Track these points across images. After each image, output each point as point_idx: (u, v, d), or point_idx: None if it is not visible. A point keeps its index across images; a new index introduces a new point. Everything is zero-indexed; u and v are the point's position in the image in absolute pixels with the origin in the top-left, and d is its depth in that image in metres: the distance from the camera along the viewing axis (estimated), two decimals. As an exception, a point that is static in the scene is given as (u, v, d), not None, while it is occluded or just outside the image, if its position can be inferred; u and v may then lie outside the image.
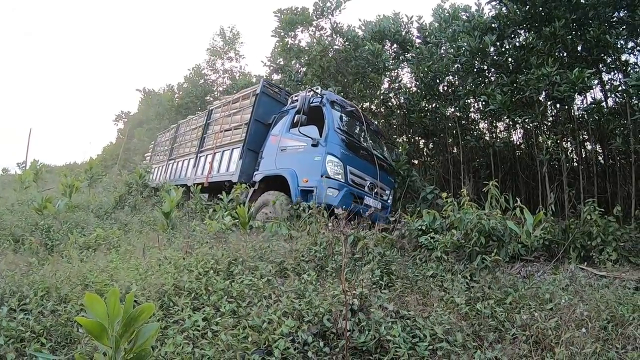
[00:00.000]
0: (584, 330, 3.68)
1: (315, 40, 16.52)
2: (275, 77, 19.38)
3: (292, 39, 17.57)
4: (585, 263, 6.40)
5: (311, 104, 8.59)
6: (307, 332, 3.35)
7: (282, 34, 17.33)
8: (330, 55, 15.94)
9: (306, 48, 16.90)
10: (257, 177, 9.58)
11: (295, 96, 9.96)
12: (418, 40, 15.12)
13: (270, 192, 8.77)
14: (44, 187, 15.32)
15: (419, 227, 5.97)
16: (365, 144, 9.60)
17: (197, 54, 55.73)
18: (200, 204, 9.90)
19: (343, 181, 8.28)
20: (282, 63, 19.12)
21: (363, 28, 15.70)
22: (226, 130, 11.37)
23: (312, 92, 8.93)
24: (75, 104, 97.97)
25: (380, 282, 4.63)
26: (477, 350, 3.53)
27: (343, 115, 9.20)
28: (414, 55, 14.14)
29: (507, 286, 4.73)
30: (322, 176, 7.99)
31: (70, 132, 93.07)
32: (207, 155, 11.99)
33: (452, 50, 12.41)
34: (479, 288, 4.60)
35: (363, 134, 9.77)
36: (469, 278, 4.88)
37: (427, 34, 14.55)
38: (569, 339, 3.56)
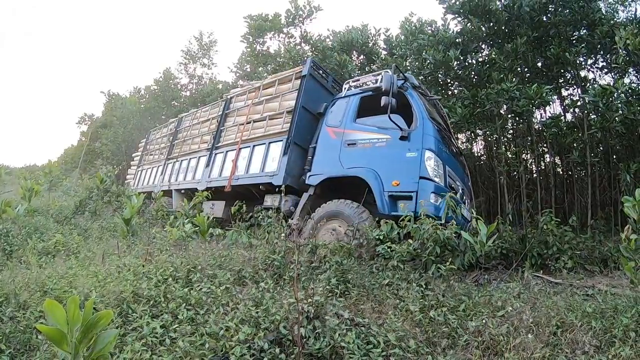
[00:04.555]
0: (530, 336, 3.81)
1: (284, 48, 16.60)
2: (242, 83, 19.29)
3: (261, 46, 17.60)
4: (542, 271, 6.64)
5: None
6: (263, 339, 3.39)
7: (251, 40, 17.36)
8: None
9: (274, 54, 16.97)
10: (314, 179, 7.70)
11: (354, 80, 8.49)
12: (384, 52, 15.38)
13: (342, 200, 7.09)
14: (2, 190, 14.90)
15: (377, 237, 5.97)
16: (453, 141, 8.11)
17: (166, 58, 55.11)
18: (161, 211, 9.71)
19: (443, 185, 6.78)
20: (249, 70, 19.11)
21: (332, 38, 15.86)
22: (256, 121, 9.47)
23: (396, 73, 7.20)
24: (36, 104, 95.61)
25: (336, 290, 4.67)
26: (429, 355, 3.63)
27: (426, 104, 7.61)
28: (379, 66, 14.36)
29: (461, 294, 4.84)
30: (421, 178, 6.54)
31: (31, 132, 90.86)
32: (227, 152, 9.97)
33: (417, 62, 12.68)
34: (434, 296, 4.68)
35: (446, 128, 8.20)
36: (424, 286, 4.94)
37: (393, 46, 14.80)
38: (519, 344, 3.70)
